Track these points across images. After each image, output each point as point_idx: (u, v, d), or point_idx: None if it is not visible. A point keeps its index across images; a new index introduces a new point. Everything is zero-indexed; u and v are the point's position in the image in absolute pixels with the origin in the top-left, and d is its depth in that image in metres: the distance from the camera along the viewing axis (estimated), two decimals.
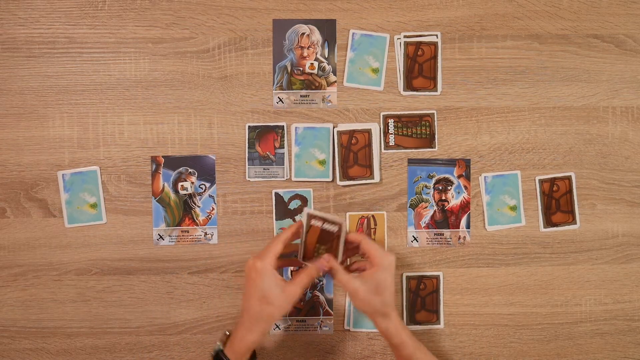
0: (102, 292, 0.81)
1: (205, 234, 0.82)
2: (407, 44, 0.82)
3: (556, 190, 0.83)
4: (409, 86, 0.82)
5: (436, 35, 0.82)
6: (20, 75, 0.80)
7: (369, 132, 0.81)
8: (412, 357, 0.70)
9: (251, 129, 0.81)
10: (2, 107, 0.80)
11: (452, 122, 0.82)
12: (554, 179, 0.82)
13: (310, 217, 0.70)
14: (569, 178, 0.83)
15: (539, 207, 0.83)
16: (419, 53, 0.82)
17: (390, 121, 0.82)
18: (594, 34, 0.83)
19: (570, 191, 0.83)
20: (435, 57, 0.82)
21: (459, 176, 0.83)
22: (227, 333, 0.70)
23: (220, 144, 0.81)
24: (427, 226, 0.83)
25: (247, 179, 0.82)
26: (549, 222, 0.83)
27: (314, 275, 0.69)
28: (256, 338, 0.67)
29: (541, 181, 0.82)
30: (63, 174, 0.80)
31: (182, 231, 0.81)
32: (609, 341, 0.84)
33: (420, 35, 0.82)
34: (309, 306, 0.83)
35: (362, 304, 0.69)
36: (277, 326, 0.82)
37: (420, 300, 0.83)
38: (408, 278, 0.83)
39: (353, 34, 0.81)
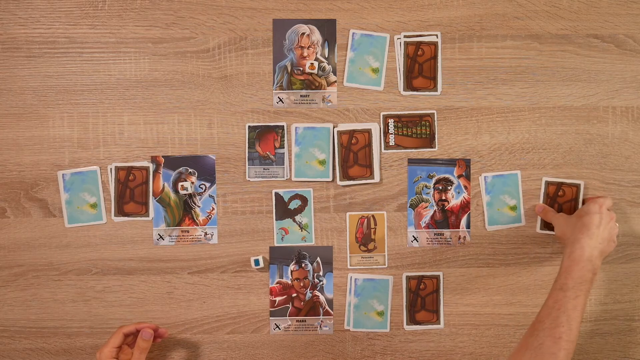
0: (102, 292, 0.81)
1: (205, 234, 0.82)
2: (407, 44, 0.82)
3: (561, 195, 0.83)
4: (409, 86, 0.82)
5: (436, 35, 0.82)
6: (20, 75, 0.80)
7: (369, 132, 0.81)
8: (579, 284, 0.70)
9: (251, 129, 0.81)
10: (2, 107, 0.80)
11: (452, 122, 0.82)
12: (562, 184, 0.82)
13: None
14: (577, 186, 0.82)
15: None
16: (419, 53, 0.82)
17: (390, 121, 0.82)
18: (594, 34, 0.83)
19: (575, 199, 0.83)
20: (435, 57, 0.82)
21: (459, 176, 0.83)
22: None
23: (220, 144, 0.81)
24: (427, 226, 0.83)
25: (247, 179, 0.82)
26: (547, 225, 0.82)
27: (143, 347, 0.73)
28: None
29: (548, 183, 0.82)
30: (63, 174, 0.80)
31: (182, 231, 0.81)
32: (609, 341, 0.84)
33: (420, 35, 0.82)
34: (309, 306, 0.83)
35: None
36: (277, 326, 0.83)
37: (420, 300, 0.83)
38: (408, 278, 0.83)
39: (353, 33, 0.81)
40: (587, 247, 0.71)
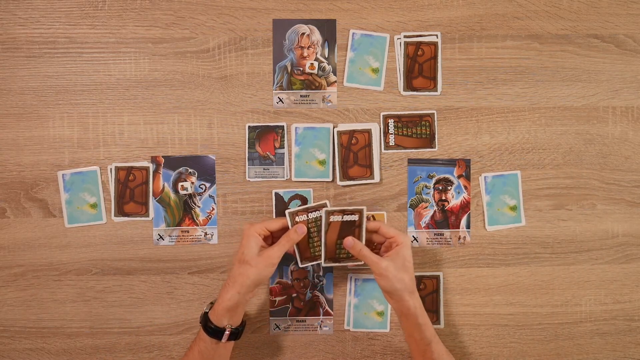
0: (102, 292, 0.81)
1: (205, 234, 0.82)
2: (407, 44, 0.82)
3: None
4: (409, 86, 0.82)
5: (436, 35, 0.82)
6: (20, 75, 0.80)
7: (369, 132, 0.81)
8: (431, 341, 0.71)
9: (251, 129, 0.81)
10: (2, 107, 0.80)
11: (452, 122, 0.82)
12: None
13: (329, 214, 0.73)
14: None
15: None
16: (419, 53, 0.82)
17: (390, 121, 0.82)
18: (594, 34, 0.83)
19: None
20: (435, 57, 0.82)
21: (459, 176, 0.83)
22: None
23: (220, 144, 0.81)
24: (427, 226, 0.83)
25: (247, 179, 0.82)
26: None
27: (293, 239, 0.73)
28: (231, 297, 0.70)
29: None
30: (63, 174, 0.80)
31: (182, 231, 0.81)
32: (609, 341, 0.84)
33: (420, 35, 0.82)
34: (309, 306, 0.83)
35: (393, 282, 0.70)
36: (277, 326, 0.83)
37: (420, 300, 0.83)
38: None
39: (353, 34, 0.81)
40: (409, 302, 0.71)
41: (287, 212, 0.74)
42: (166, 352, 0.82)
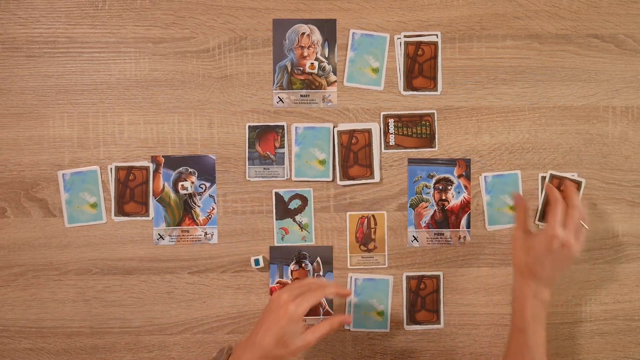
0: (102, 292, 0.81)
1: (206, 233, 0.82)
2: (407, 44, 0.82)
3: (563, 190, 0.82)
4: (409, 86, 0.82)
5: (436, 35, 0.82)
6: (20, 75, 0.80)
7: (369, 131, 0.81)
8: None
9: (251, 128, 0.81)
10: (2, 107, 0.80)
11: (452, 122, 0.82)
12: (565, 179, 0.81)
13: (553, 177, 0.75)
14: (579, 184, 0.82)
15: (540, 199, 0.82)
16: (419, 53, 0.82)
17: (391, 121, 0.82)
18: (594, 34, 0.83)
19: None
20: (435, 57, 0.82)
21: (459, 176, 0.83)
22: (229, 352, 0.70)
23: (220, 144, 0.81)
24: (428, 226, 0.83)
25: (247, 178, 0.82)
26: (544, 218, 0.82)
27: (335, 327, 0.68)
28: None
29: (552, 176, 0.82)
30: (63, 174, 0.80)
31: (182, 231, 0.81)
32: (609, 341, 0.84)
33: (420, 35, 0.82)
34: None
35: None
36: None
37: (421, 300, 0.83)
38: (408, 278, 0.83)
39: (353, 33, 0.81)
40: (530, 291, 0.70)
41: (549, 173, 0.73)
42: (166, 352, 0.82)
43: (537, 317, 0.70)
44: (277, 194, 0.82)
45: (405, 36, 0.81)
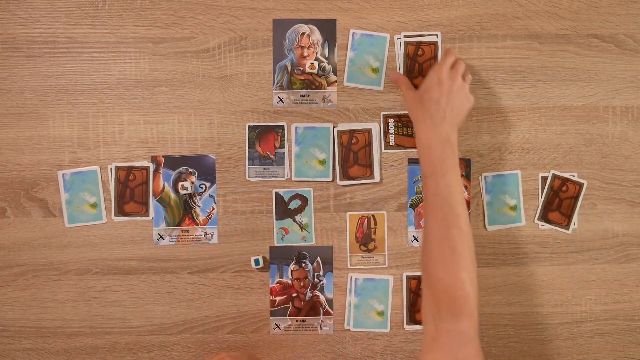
0: (102, 292, 0.81)
1: (206, 233, 0.82)
2: (407, 44, 0.82)
3: (564, 191, 0.83)
4: None
5: (436, 35, 0.82)
6: (20, 75, 0.80)
7: (369, 131, 0.81)
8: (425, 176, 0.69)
9: (251, 128, 0.81)
10: (2, 107, 0.80)
11: None
12: (567, 179, 0.82)
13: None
14: (580, 185, 0.82)
15: (540, 200, 0.83)
16: (419, 53, 0.82)
17: (391, 121, 0.82)
18: (594, 34, 0.83)
19: (576, 197, 0.83)
20: (435, 57, 0.82)
21: None
22: None
23: (220, 144, 0.81)
24: None
25: (247, 178, 0.82)
26: (544, 217, 0.82)
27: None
28: None
29: (554, 176, 0.82)
30: (63, 174, 0.80)
31: (182, 231, 0.81)
32: (610, 341, 0.84)
33: (420, 35, 0.82)
34: (309, 306, 0.83)
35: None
36: (278, 326, 0.82)
37: (421, 300, 0.83)
38: (408, 278, 0.83)
39: (353, 33, 0.81)
40: (430, 128, 0.69)
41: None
42: (166, 352, 0.82)
43: (445, 161, 0.68)
44: (277, 194, 0.82)
45: (405, 36, 0.81)
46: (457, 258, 0.65)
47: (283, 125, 0.81)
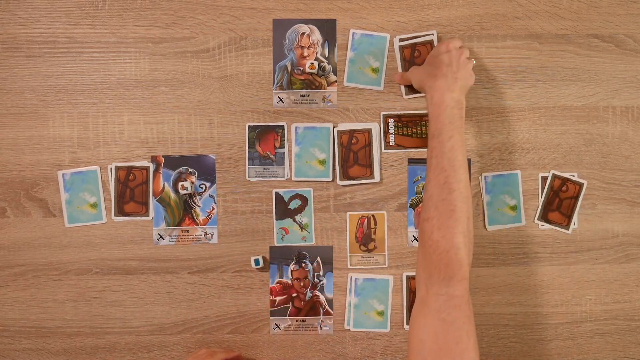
0: (102, 292, 0.81)
1: (206, 233, 0.82)
2: (402, 48, 0.82)
3: (564, 191, 0.83)
4: (409, 86, 0.82)
5: (432, 34, 0.82)
6: (20, 75, 0.80)
7: (369, 131, 0.81)
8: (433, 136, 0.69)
9: (251, 128, 0.81)
10: (2, 107, 0.80)
11: None
12: (567, 179, 0.82)
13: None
14: (580, 185, 0.82)
15: (540, 200, 0.83)
16: (415, 55, 0.82)
17: (391, 121, 0.82)
18: (594, 34, 0.83)
19: (576, 197, 0.83)
20: None
21: None
22: None
23: (220, 144, 0.82)
24: None
25: (247, 178, 0.82)
26: (544, 217, 0.82)
27: None
28: None
29: (554, 176, 0.82)
30: (63, 174, 0.80)
31: (182, 231, 0.81)
32: (610, 341, 0.84)
33: (415, 37, 0.82)
34: (309, 306, 0.83)
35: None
36: (277, 326, 0.82)
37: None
38: (408, 278, 0.83)
39: (353, 33, 0.81)
40: (444, 87, 0.69)
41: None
42: (166, 352, 0.82)
43: (453, 122, 0.68)
44: (277, 194, 0.82)
45: (400, 40, 0.81)
46: (454, 222, 0.65)
47: (283, 125, 0.81)
